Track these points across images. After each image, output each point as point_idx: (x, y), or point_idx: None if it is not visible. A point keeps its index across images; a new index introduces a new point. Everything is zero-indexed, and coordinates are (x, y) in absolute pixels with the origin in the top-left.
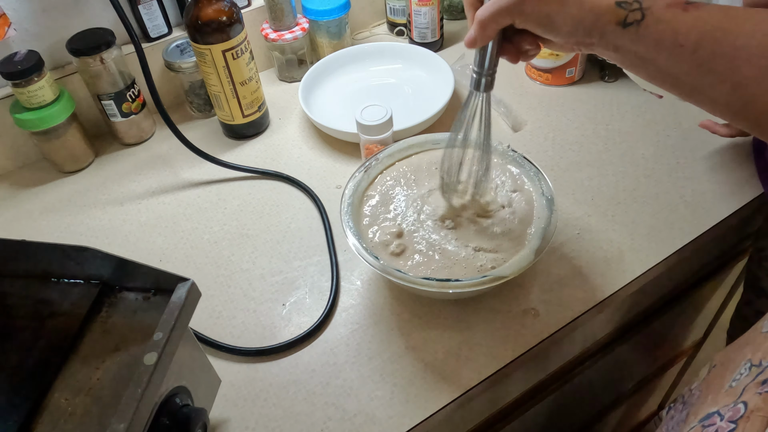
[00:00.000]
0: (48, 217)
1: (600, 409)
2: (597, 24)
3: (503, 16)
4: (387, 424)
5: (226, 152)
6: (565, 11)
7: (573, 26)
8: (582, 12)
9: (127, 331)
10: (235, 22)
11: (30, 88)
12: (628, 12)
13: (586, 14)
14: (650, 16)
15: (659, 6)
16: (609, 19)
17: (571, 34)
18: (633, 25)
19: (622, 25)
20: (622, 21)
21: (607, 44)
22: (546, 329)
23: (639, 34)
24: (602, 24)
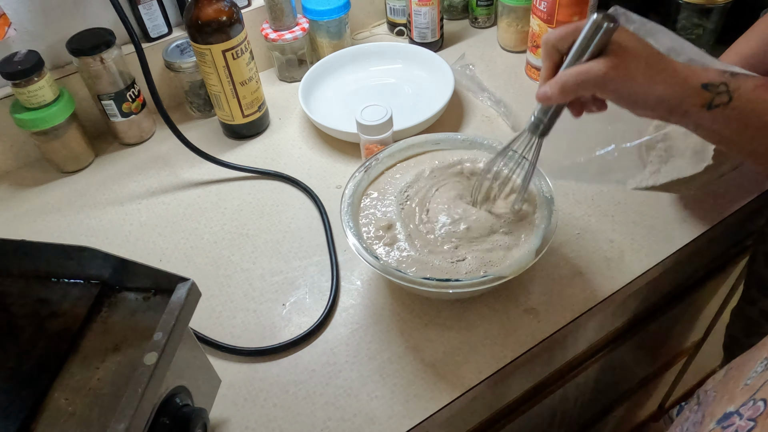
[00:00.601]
0: (48, 217)
1: (600, 409)
2: (680, 105)
3: (587, 88)
4: (387, 424)
5: (226, 152)
6: (650, 90)
7: (655, 104)
8: (667, 92)
9: (127, 331)
10: (235, 22)
11: (30, 88)
12: (714, 95)
13: (671, 95)
14: (738, 98)
15: (747, 87)
16: (694, 102)
17: (652, 110)
18: (719, 107)
19: (707, 107)
20: (707, 104)
21: (688, 122)
22: (546, 329)
23: (725, 115)
24: (687, 105)
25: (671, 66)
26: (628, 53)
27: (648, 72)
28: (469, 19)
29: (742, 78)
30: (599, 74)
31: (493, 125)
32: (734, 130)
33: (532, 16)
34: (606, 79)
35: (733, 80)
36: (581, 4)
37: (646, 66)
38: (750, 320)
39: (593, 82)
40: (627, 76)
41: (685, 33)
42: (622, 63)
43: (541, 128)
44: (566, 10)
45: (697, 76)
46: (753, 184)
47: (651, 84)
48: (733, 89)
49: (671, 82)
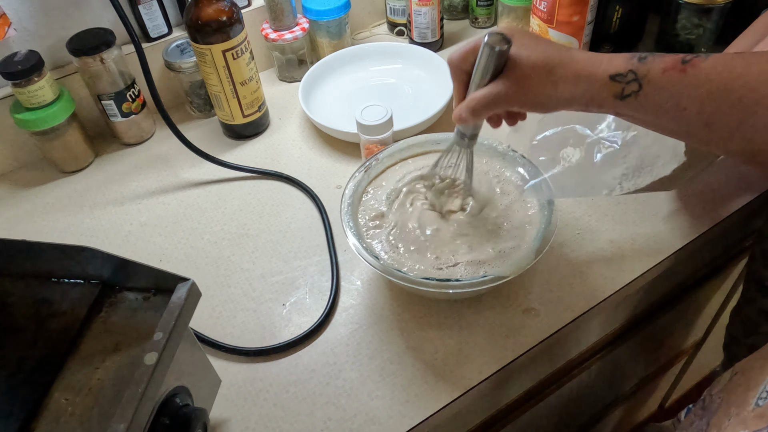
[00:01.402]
0: (48, 217)
1: (600, 408)
2: (593, 100)
3: (494, 109)
4: (387, 424)
5: (226, 152)
6: (558, 94)
7: (567, 103)
8: (575, 92)
9: (127, 331)
10: (235, 22)
11: (30, 88)
12: (624, 85)
13: (579, 93)
14: (648, 85)
15: (656, 72)
16: (605, 94)
17: (567, 107)
18: (631, 96)
19: (619, 98)
20: (618, 94)
21: (607, 112)
22: (546, 329)
23: (638, 103)
24: (599, 100)
25: (574, 65)
26: (526, 66)
27: (550, 78)
28: (469, 19)
29: (651, 62)
30: (501, 95)
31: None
32: (652, 115)
33: (532, 16)
34: (509, 98)
35: (641, 66)
36: (581, 4)
37: (547, 73)
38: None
39: (498, 102)
40: (530, 89)
41: (684, 33)
42: (521, 77)
43: (466, 140)
44: (566, 10)
45: (603, 67)
46: (752, 184)
47: (556, 89)
48: (641, 76)
49: (576, 82)
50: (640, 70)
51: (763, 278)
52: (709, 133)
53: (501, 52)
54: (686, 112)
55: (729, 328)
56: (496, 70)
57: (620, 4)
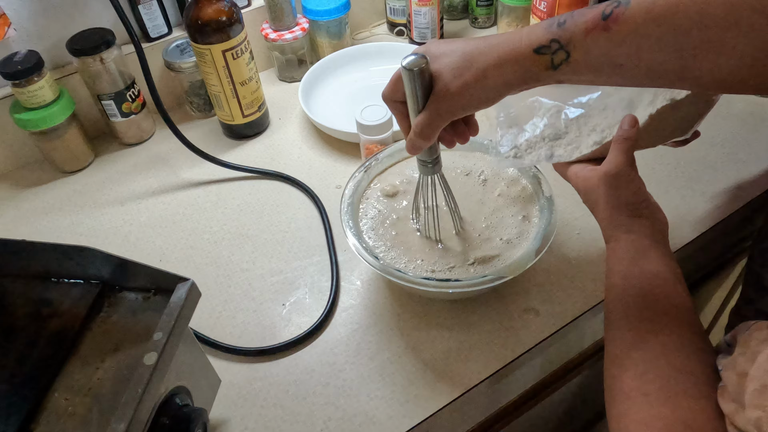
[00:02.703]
0: (48, 217)
1: (600, 409)
2: (528, 77)
3: (440, 123)
4: (387, 424)
5: (226, 152)
6: (490, 87)
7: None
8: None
9: (127, 331)
10: (235, 22)
11: (30, 88)
12: (551, 55)
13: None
14: (575, 51)
15: (579, 36)
16: (536, 69)
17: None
18: (562, 64)
19: (552, 68)
20: (549, 65)
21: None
22: (546, 329)
23: (572, 68)
24: (532, 75)
25: (495, 50)
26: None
27: (476, 73)
28: (469, 19)
29: (571, 25)
30: (441, 109)
31: (493, 125)
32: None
33: (532, 16)
34: (448, 109)
35: (562, 33)
36: (581, 4)
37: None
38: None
39: (441, 118)
40: (463, 92)
41: None
42: (450, 85)
43: (429, 167)
44: (566, 9)
45: (525, 42)
46: (752, 184)
47: (486, 80)
48: (565, 43)
49: (503, 66)
50: (563, 37)
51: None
52: (656, 79)
53: (421, 71)
54: (623, 68)
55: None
56: (425, 90)
57: None
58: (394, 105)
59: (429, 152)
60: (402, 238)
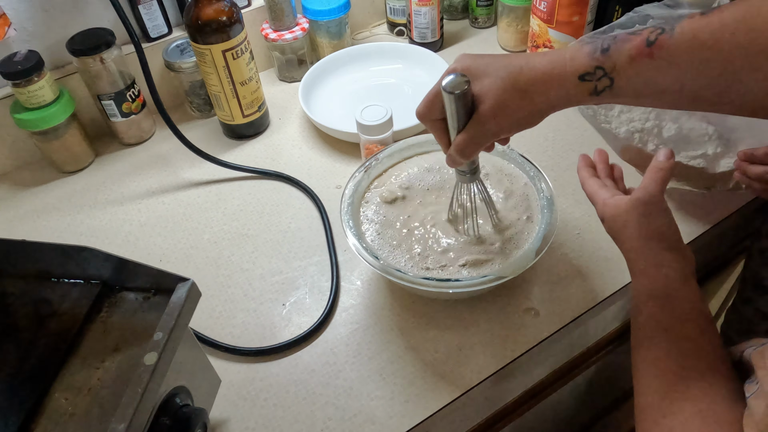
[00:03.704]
0: (48, 217)
1: (600, 409)
2: (571, 100)
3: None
4: (387, 424)
5: (226, 152)
6: (535, 109)
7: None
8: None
9: (127, 331)
10: (235, 22)
11: (30, 88)
12: (595, 82)
13: (555, 100)
14: (619, 78)
15: (623, 62)
16: (581, 93)
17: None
18: (605, 90)
19: (595, 94)
20: (592, 91)
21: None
22: (546, 329)
23: (615, 93)
24: (577, 98)
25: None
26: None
27: (522, 96)
28: (469, 19)
29: (614, 52)
30: (484, 131)
31: None
32: (635, 99)
33: (532, 16)
34: (492, 131)
35: (606, 60)
36: (581, 4)
37: (517, 92)
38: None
39: (483, 139)
40: (508, 115)
41: None
42: (496, 108)
43: (468, 176)
44: (566, 10)
45: (569, 68)
46: None
47: (533, 104)
48: (609, 70)
49: (548, 90)
50: (607, 65)
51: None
52: (696, 104)
53: (463, 94)
54: (665, 93)
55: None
56: (466, 111)
57: (620, 4)
58: (431, 123)
59: (468, 163)
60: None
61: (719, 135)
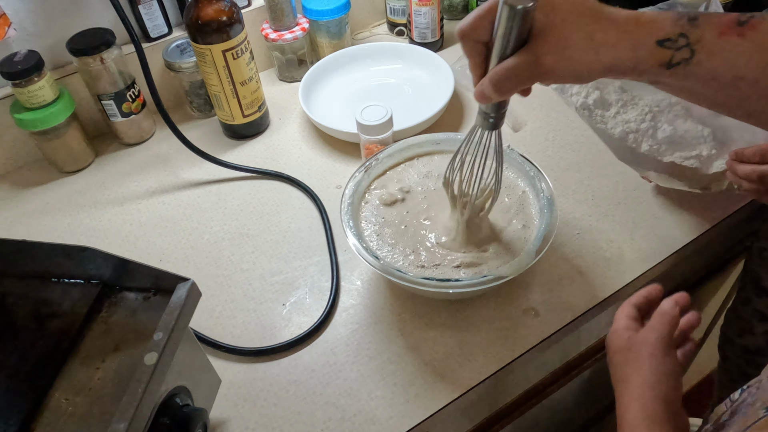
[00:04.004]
0: (48, 217)
1: (600, 409)
2: (636, 68)
3: (523, 83)
4: (387, 424)
5: (226, 152)
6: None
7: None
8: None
9: (127, 331)
10: (235, 22)
11: (30, 88)
12: (674, 51)
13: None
14: (701, 51)
15: (711, 36)
16: (651, 62)
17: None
18: (680, 64)
19: (666, 66)
20: (666, 62)
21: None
22: (546, 329)
23: (688, 71)
24: (641, 68)
25: (616, 26)
26: (558, 29)
27: (589, 44)
28: None
29: (704, 23)
30: (533, 67)
31: None
32: (700, 84)
33: None
34: (541, 69)
35: (694, 29)
36: None
37: (586, 37)
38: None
39: (529, 76)
40: (567, 58)
41: None
42: (556, 44)
43: (491, 121)
44: None
45: (649, 29)
46: None
47: (597, 55)
48: (694, 41)
49: (620, 46)
50: (693, 34)
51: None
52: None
53: (525, 12)
54: (743, 81)
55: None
56: (520, 36)
57: (620, 4)
58: (471, 44)
59: (496, 105)
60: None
61: (714, 136)
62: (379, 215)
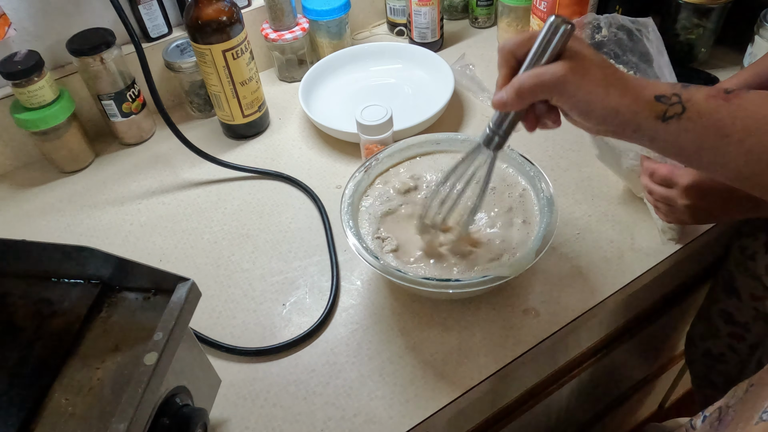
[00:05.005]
0: (48, 217)
1: (600, 408)
2: (634, 118)
3: (543, 92)
4: (387, 424)
5: (226, 152)
6: (605, 99)
7: (608, 116)
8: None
9: (127, 331)
10: (235, 22)
11: (30, 88)
12: (668, 106)
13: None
14: (691, 108)
15: (700, 97)
16: (648, 114)
17: (605, 122)
18: (673, 118)
19: (661, 119)
20: (661, 115)
21: (641, 137)
22: (546, 329)
23: (680, 127)
24: (640, 118)
25: (624, 77)
26: (585, 59)
27: (604, 80)
28: (469, 19)
29: (694, 89)
30: (557, 75)
31: None
32: (690, 141)
33: (532, 16)
34: (564, 81)
35: (685, 91)
36: (581, 3)
37: (602, 75)
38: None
39: (550, 84)
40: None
41: (685, 33)
42: (579, 67)
43: (495, 141)
44: (566, 10)
45: (649, 88)
46: None
47: (606, 93)
48: (685, 100)
49: (625, 93)
50: (684, 94)
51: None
52: (749, 165)
53: (566, 32)
54: (728, 139)
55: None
56: (553, 54)
57: (620, 4)
58: (508, 58)
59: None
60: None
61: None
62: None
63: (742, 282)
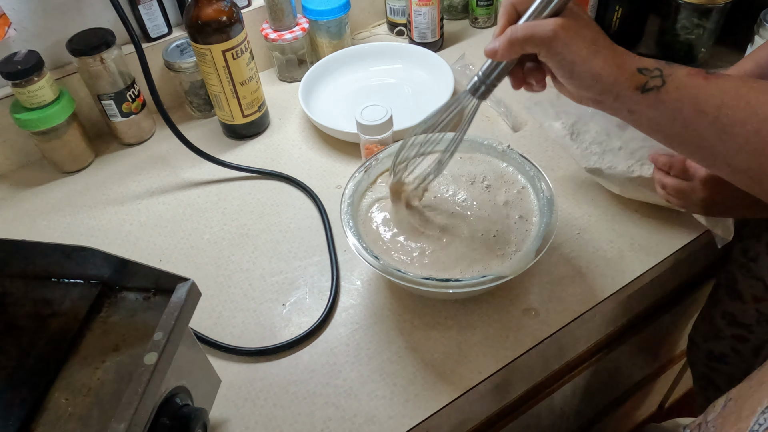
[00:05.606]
0: (48, 217)
1: (600, 408)
2: (615, 85)
3: (533, 44)
4: (387, 424)
5: (226, 152)
6: (590, 63)
7: (591, 80)
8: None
9: (127, 331)
10: (235, 22)
11: (30, 88)
12: (649, 78)
13: (607, 73)
14: (671, 82)
15: (681, 73)
16: (628, 84)
17: (587, 87)
18: (652, 90)
19: (640, 90)
20: (641, 86)
21: (620, 107)
22: (546, 329)
23: (658, 99)
24: (620, 87)
25: (613, 47)
26: (579, 20)
27: (592, 45)
28: (469, 19)
29: (677, 67)
30: (548, 30)
31: (493, 125)
32: (668, 117)
33: None
34: (553, 37)
35: (668, 67)
36: (581, 3)
37: (592, 39)
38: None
39: (541, 38)
40: (572, 41)
41: (685, 33)
42: (572, 26)
43: (482, 90)
44: None
45: (635, 61)
46: None
47: (592, 56)
48: (666, 75)
49: (610, 61)
50: (666, 69)
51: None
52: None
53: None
54: (703, 115)
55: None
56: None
57: (620, 5)
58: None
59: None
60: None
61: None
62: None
63: (744, 284)
